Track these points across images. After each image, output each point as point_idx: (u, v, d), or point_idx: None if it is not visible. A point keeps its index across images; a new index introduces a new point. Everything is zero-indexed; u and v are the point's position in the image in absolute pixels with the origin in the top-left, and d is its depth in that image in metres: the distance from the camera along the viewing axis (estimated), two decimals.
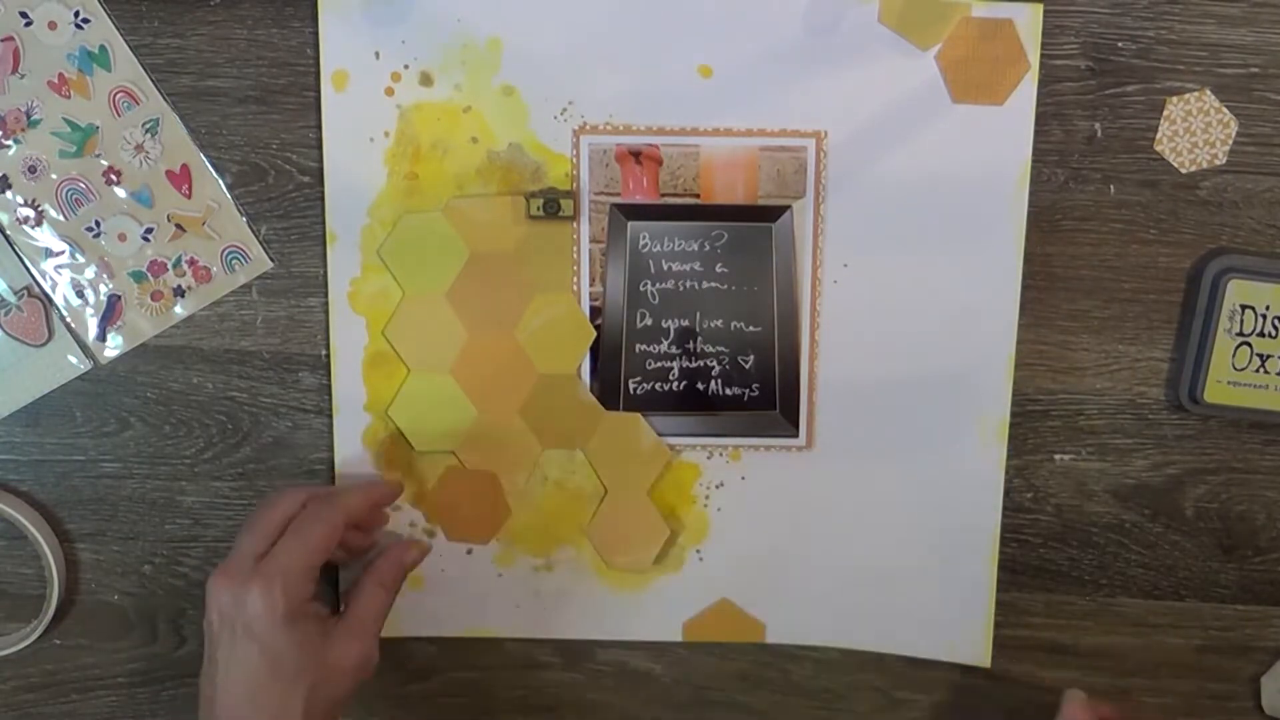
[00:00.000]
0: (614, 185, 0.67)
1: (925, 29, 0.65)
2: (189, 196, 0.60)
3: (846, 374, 0.68)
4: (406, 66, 0.66)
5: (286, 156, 0.67)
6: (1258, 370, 0.67)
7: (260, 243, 0.64)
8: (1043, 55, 0.65)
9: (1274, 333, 0.67)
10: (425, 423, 0.68)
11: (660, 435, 0.69)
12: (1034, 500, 0.70)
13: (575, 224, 0.67)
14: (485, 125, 0.66)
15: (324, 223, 0.67)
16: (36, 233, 0.62)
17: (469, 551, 0.70)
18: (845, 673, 0.72)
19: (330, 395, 0.68)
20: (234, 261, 0.62)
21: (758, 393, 0.69)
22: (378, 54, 0.65)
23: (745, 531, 0.70)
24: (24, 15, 0.56)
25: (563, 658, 0.72)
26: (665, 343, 0.68)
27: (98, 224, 0.62)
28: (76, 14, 0.56)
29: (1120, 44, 0.66)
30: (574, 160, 0.66)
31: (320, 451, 0.69)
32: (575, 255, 0.67)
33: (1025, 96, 0.65)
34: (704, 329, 0.68)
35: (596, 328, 0.68)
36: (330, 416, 0.69)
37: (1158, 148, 0.67)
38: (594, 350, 0.68)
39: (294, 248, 0.67)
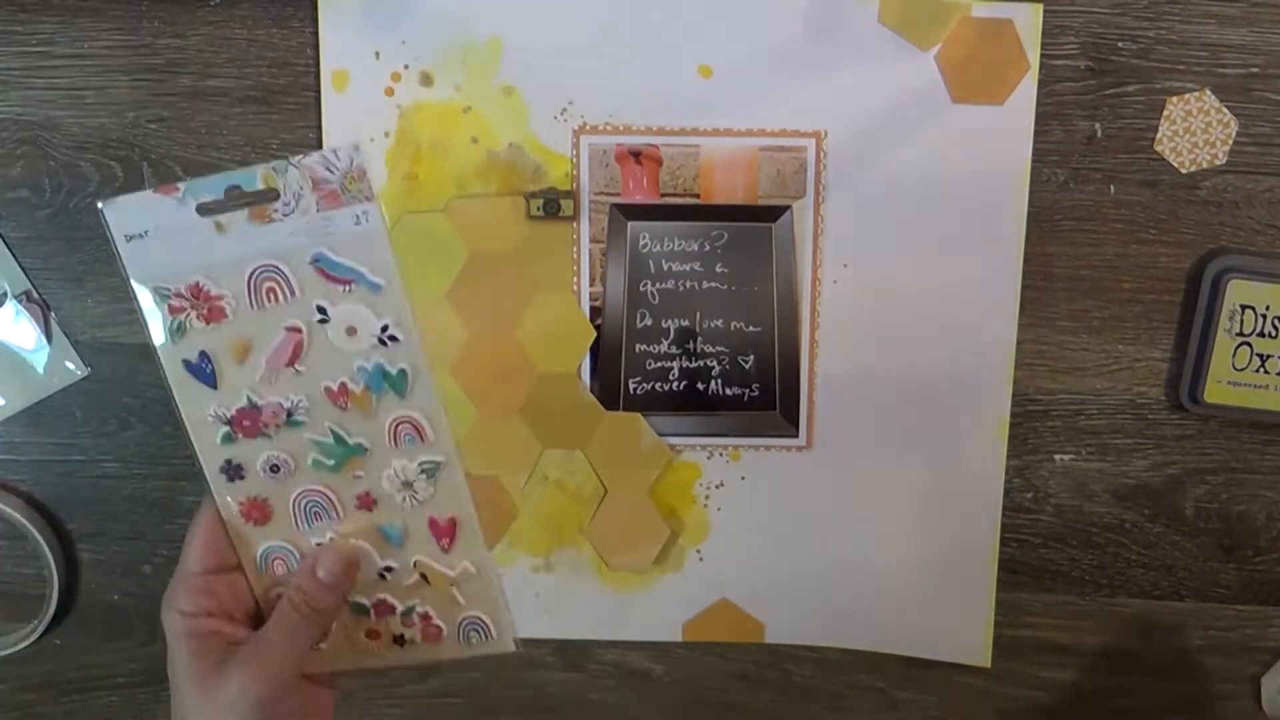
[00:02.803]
0: (614, 185, 0.67)
1: (925, 29, 0.65)
2: (447, 551, 0.49)
3: (846, 374, 0.68)
4: (406, 66, 0.66)
5: (286, 156, 0.67)
6: (1258, 370, 0.67)
7: (508, 614, 0.51)
8: (1043, 55, 0.65)
9: (1274, 333, 0.67)
10: None
11: (660, 435, 0.69)
12: (1034, 500, 0.70)
13: (575, 224, 0.67)
14: (485, 125, 0.66)
15: None
16: (256, 530, 0.50)
17: None
18: (845, 673, 0.72)
19: None
20: (472, 634, 0.51)
21: (758, 393, 0.69)
22: (378, 54, 0.65)
23: (745, 531, 0.70)
24: (321, 310, 0.46)
25: (563, 658, 0.72)
26: (665, 343, 0.68)
27: (331, 541, 0.50)
28: (384, 328, 0.46)
29: (1120, 44, 0.66)
30: (574, 160, 0.67)
31: None
32: (575, 255, 0.67)
33: (1025, 96, 0.65)
34: (704, 329, 0.68)
35: (596, 328, 0.68)
36: None
37: (1158, 148, 0.67)
38: (594, 350, 0.68)
39: None
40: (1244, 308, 0.66)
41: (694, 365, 0.68)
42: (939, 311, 0.67)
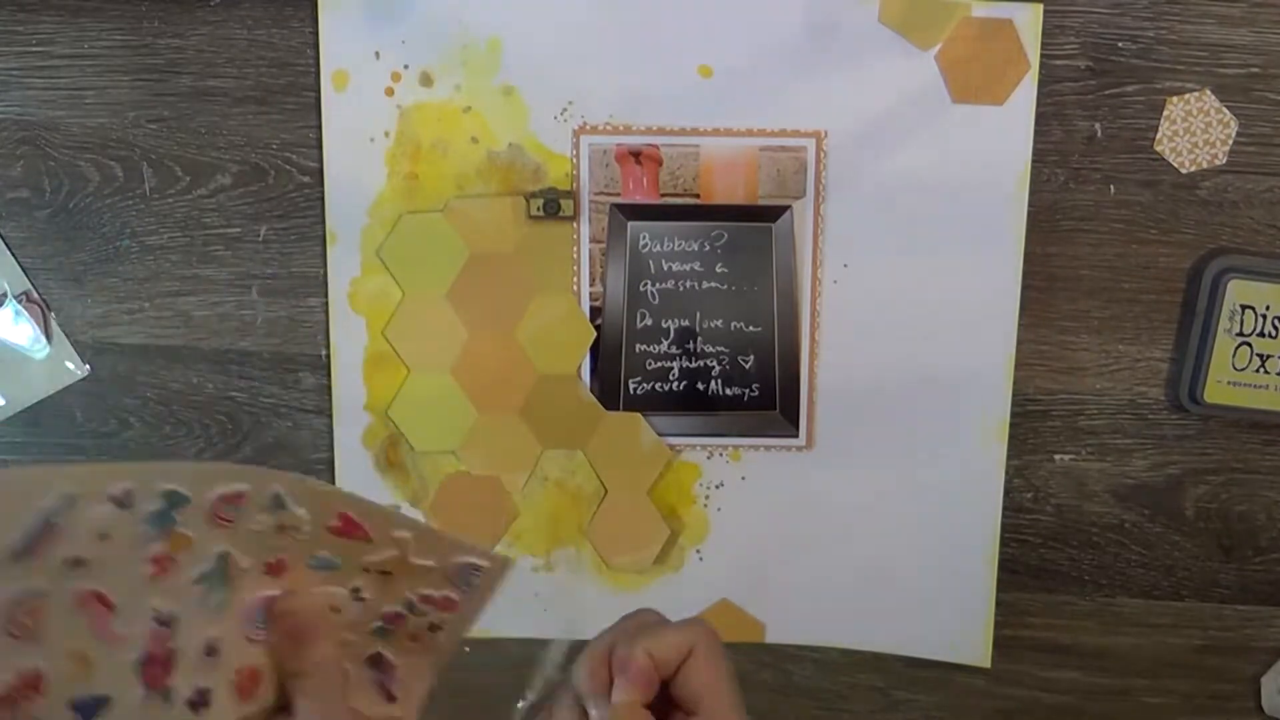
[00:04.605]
0: (614, 185, 0.67)
1: (925, 29, 0.65)
2: (369, 539, 0.44)
3: (846, 374, 0.68)
4: (406, 66, 0.66)
5: (286, 156, 0.67)
6: (1258, 370, 0.67)
7: (470, 542, 0.46)
8: (1043, 55, 0.65)
9: (1274, 333, 0.67)
10: (425, 423, 0.68)
11: (660, 435, 0.69)
12: (1034, 500, 0.70)
13: (575, 224, 0.67)
14: (485, 125, 0.66)
15: (324, 223, 0.67)
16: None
17: None
18: (845, 673, 0.72)
19: (330, 395, 0.68)
20: (471, 578, 0.46)
21: (758, 393, 0.69)
22: (378, 54, 0.65)
23: (745, 531, 0.70)
24: (73, 563, 0.39)
25: (563, 658, 0.72)
26: (665, 343, 0.68)
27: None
28: (113, 498, 0.40)
29: (1120, 44, 0.66)
30: (574, 160, 0.67)
31: (320, 451, 0.69)
32: (575, 255, 0.67)
33: (1025, 96, 0.65)
34: (704, 329, 0.68)
35: (596, 328, 0.68)
36: (330, 416, 0.69)
37: (1158, 148, 0.67)
38: (594, 350, 0.68)
39: (294, 248, 0.67)
40: (1244, 308, 0.66)
41: (694, 365, 0.68)
42: (939, 311, 0.67)
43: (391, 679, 0.47)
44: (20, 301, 0.67)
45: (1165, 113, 0.66)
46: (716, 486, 0.70)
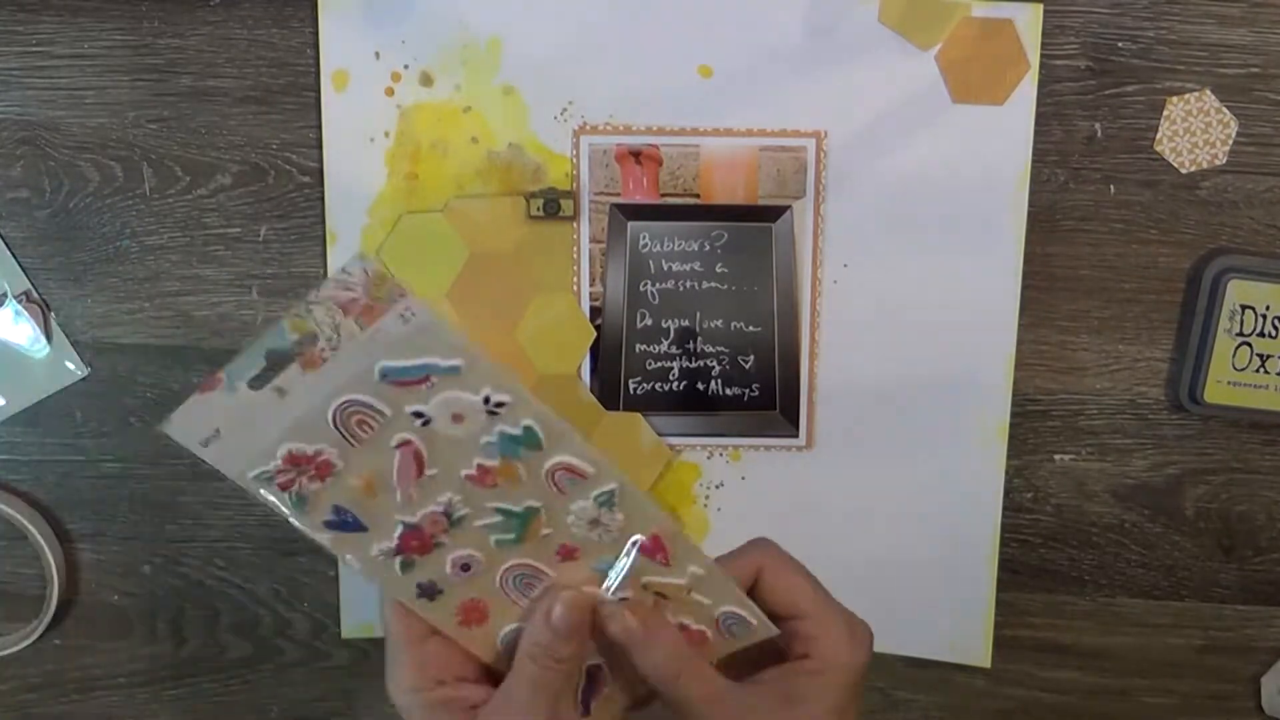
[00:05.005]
0: (614, 185, 0.67)
1: (925, 29, 0.65)
2: (668, 565, 0.46)
3: (846, 374, 0.68)
4: (406, 66, 0.66)
5: (286, 156, 0.67)
6: (1258, 370, 0.67)
7: (751, 603, 0.48)
8: (1043, 55, 0.65)
9: (1274, 333, 0.67)
10: None
11: (660, 435, 0.69)
12: (1034, 500, 0.70)
13: (575, 224, 0.67)
14: (485, 125, 0.66)
15: (324, 223, 0.67)
16: (482, 628, 0.47)
17: None
18: None
19: None
20: (733, 627, 0.48)
21: (758, 393, 0.69)
22: (378, 54, 0.65)
23: (745, 531, 0.70)
24: (418, 415, 0.43)
25: None
26: (665, 343, 0.68)
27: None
28: (486, 399, 0.42)
29: (1120, 44, 0.66)
30: (574, 160, 0.67)
31: None
32: (575, 255, 0.67)
33: (1025, 96, 0.66)
34: (704, 329, 0.68)
35: (596, 328, 0.68)
36: None
37: (1158, 148, 0.67)
38: (594, 350, 0.68)
39: (294, 248, 0.67)
40: (1244, 308, 0.66)
41: (694, 365, 0.68)
42: (939, 311, 0.67)
43: (595, 694, 0.48)
44: (20, 301, 0.67)
45: (1165, 113, 0.66)
46: (716, 486, 0.70)
